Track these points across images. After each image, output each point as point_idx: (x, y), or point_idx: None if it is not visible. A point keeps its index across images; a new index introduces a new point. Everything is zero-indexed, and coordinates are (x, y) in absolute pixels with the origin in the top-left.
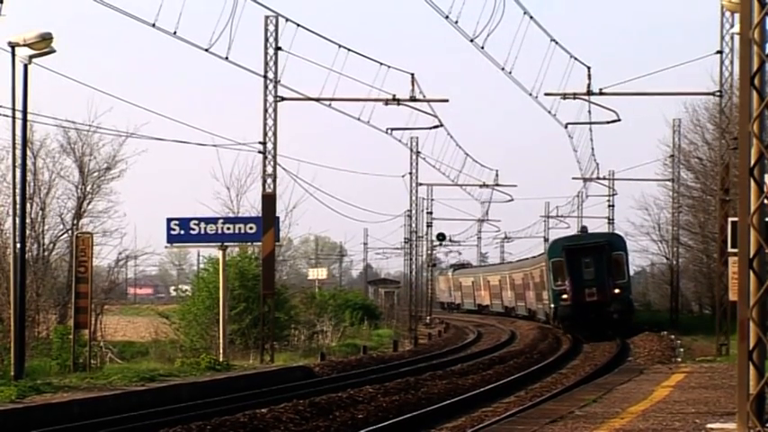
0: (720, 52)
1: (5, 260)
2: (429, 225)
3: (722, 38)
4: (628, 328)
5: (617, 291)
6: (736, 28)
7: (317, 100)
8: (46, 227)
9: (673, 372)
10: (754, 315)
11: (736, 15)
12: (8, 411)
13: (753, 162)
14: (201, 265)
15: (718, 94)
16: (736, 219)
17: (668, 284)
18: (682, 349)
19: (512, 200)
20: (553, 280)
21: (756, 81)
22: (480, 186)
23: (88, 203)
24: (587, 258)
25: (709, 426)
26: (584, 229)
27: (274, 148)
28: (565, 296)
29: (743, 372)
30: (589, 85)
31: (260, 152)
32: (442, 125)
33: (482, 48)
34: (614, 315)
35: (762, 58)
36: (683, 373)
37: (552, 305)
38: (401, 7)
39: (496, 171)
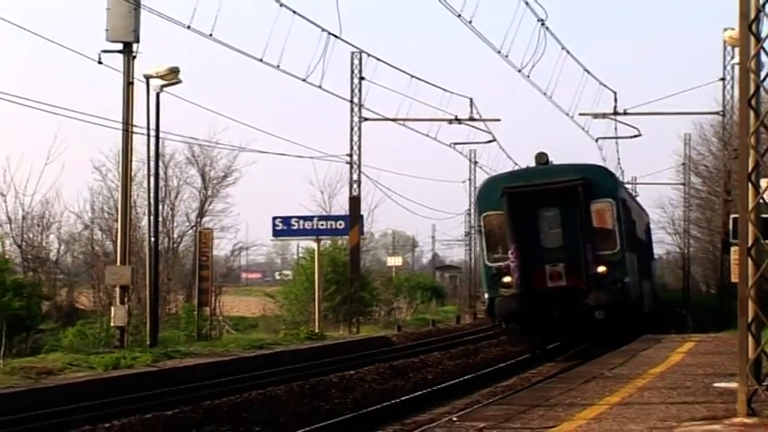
0: (723, 79)
1: (142, 251)
2: None
3: (724, 67)
4: (621, 334)
5: (601, 269)
6: (736, 59)
7: (394, 120)
8: (175, 224)
9: (685, 341)
10: (752, 294)
11: (737, 49)
12: (145, 373)
13: (750, 169)
14: (301, 255)
15: (721, 113)
16: (736, 215)
17: (681, 269)
18: (692, 323)
19: None
20: (487, 250)
21: (753, 102)
22: None
23: (209, 205)
24: (549, 211)
25: (715, 384)
26: (541, 157)
27: (359, 159)
28: (507, 279)
29: (743, 340)
30: (615, 107)
31: (347, 163)
32: (495, 140)
33: (528, 76)
34: (596, 312)
35: (757, 83)
36: (693, 342)
37: (487, 295)
38: (462, 44)
39: None
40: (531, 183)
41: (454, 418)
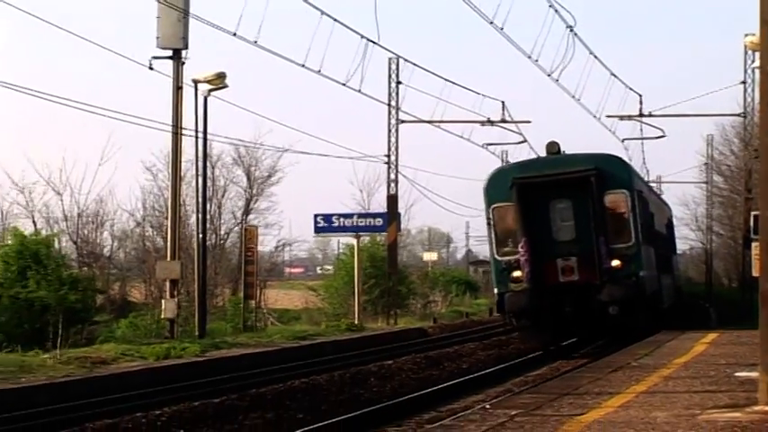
0: (744, 82)
1: (191, 247)
2: None
3: (745, 71)
4: (637, 330)
5: (615, 263)
6: (757, 63)
7: (430, 122)
8: (222, 221)
9: (708, 332)
10: None
11: (757, 53)
12: (194, 363)
13: None
14: (341, 250)
15: (742, 115)
16: (757, 212)
17: (704, 264)
18: (715, 317)
19: None
20: (496, 243)
21: None
22: None
23: (254, 203)
24: (560, 202)
25: (737, 374)
26: (553, 146)
27: (396, 159)
28: (518, 273)
29: (764, 332)
30: (641, 109)
31: (385, 163)
32: (526, 141)
33: (557, 80)
34: (610, 308)
35: None
36: (716, 333)
37: (496, 290)
38: (494, 49)
39: None
40: (541, 173)
41: (487, 406)
